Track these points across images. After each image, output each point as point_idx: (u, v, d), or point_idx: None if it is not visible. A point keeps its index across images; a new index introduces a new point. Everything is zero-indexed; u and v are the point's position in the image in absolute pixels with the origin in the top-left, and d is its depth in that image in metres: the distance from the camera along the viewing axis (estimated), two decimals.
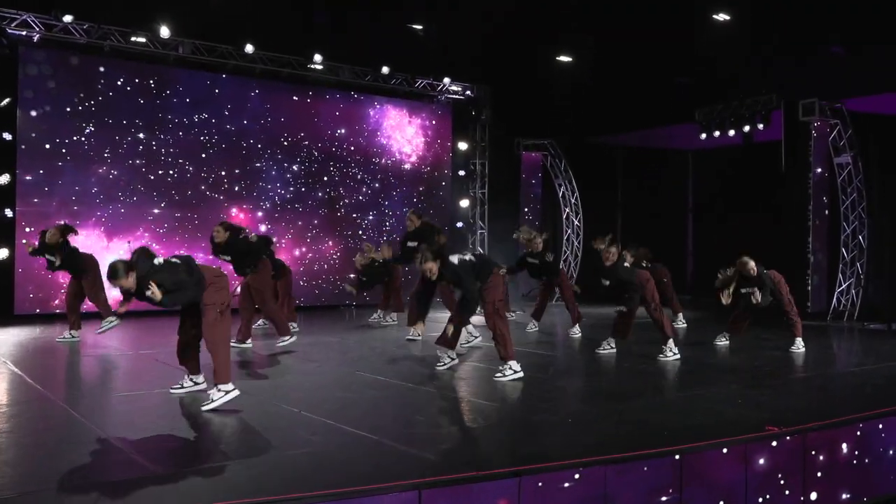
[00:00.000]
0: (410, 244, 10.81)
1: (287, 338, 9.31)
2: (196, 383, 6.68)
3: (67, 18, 12.45)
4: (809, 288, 13.47)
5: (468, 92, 17.11)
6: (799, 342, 9.46)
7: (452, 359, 8.05)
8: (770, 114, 14.78)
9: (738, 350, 9.59)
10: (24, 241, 11.06)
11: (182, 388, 6.69)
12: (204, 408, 6.00)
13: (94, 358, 8.90)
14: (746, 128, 16.50)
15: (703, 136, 18.04)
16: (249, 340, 9.70)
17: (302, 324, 11.74)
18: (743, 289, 9.21)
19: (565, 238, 17.87)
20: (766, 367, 8.21)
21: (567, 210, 17.91)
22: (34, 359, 8.81)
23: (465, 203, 17.27)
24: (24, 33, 12.45)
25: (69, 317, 10.18)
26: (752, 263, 9.32)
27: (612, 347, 9.13)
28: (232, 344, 7.33)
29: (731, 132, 16.82)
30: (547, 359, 8.96)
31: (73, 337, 10.06)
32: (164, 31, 13.08)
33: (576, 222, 17.81)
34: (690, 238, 19.73)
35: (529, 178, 17.95)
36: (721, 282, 9.29)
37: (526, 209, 17.85)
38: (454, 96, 17.09)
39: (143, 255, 6.02)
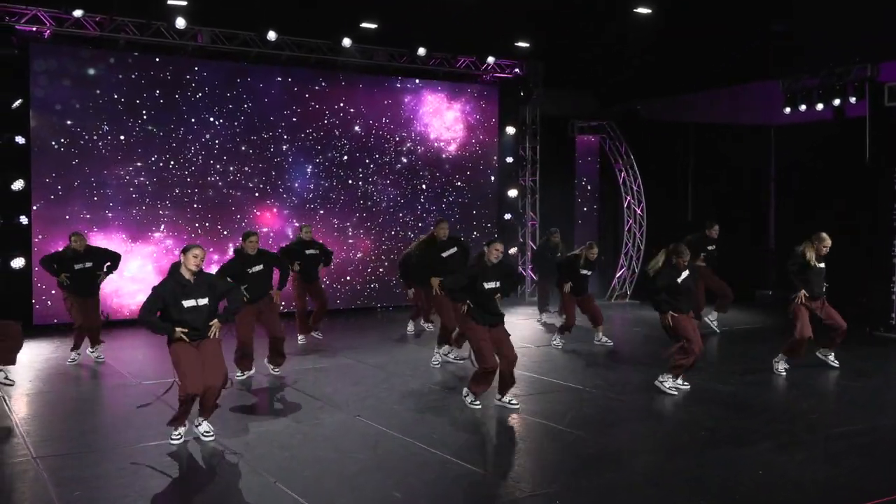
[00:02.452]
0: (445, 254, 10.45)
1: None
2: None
3: (78, 13, 12.55)
4: (895, 297, 12.69)
5: (516, 70, 16.64)
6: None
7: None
8: (864, 86, 13.95)
9: (798, 384, 9.10)
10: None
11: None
12: None
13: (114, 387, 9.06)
14: (837, 101, 15.69)
15: (788, 109, 17.24)
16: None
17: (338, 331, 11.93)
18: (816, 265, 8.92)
19: (626, 229, 17.32)
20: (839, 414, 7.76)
21: (628, 198, 17.34)
22: (42, 393, 9.04)
23: (513, 193, 16.90)
24: (34, 29, 12.64)
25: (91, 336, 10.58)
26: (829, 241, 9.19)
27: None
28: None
29: (820, 106, 16.02)
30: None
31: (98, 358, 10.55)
32: (181, 22, 13.06)
33: (638, 212, 17.22)
34: (772, 228, 18.89)
35: (585, 163, 17.44)
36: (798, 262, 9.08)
37: (581, 199, 17.39)
38: (501, 75, 16.65)
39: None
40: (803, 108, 17.02)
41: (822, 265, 9.51)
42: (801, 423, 7.36)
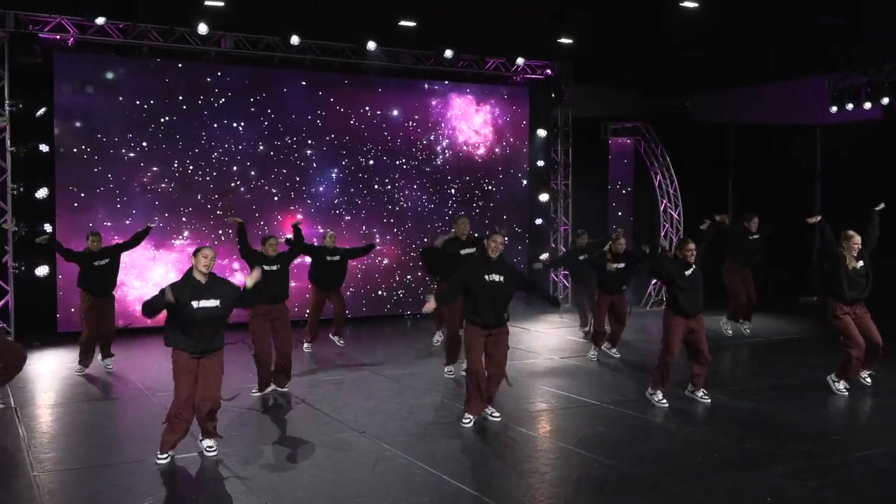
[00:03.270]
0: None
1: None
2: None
3: (100, 20, 12.76)
4: None
5: (548, 70, 16.48)
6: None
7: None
8: None
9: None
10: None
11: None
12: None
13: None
14: (885, 100, 15.28)
15: (834, 108, 16.83)
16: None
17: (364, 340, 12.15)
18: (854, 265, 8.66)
19: (662, 234, 17.05)
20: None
21: (664, 202, 17.06)
22: (58, 405, 9.21)
23: (544, 197, 16.75)
24: (58, 37, 12.89)
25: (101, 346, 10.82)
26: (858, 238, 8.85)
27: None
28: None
29: (868, 105, 15.63)
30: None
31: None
32: (202, 28, 13.20)
33: (675, 216, 16.94)
34: (818, 231, 18.42)
35: (618, 166, 17.21)
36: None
37: (615, 203, 17.17)
38: (532, 76, 16.51)
39: None
40: (850, 106, 16.63)
41: (861, 264, 8.94)
42: (822, 446, 7.12)
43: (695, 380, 8.73)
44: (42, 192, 12.77)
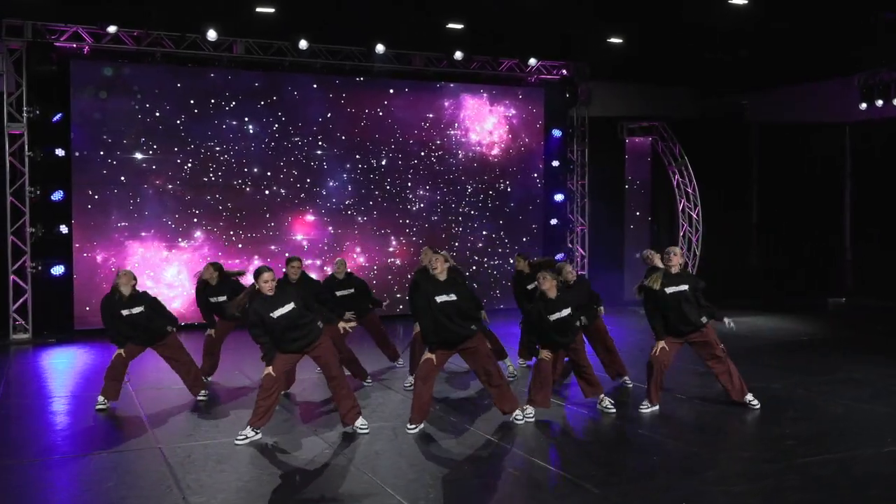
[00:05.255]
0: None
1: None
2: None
3: (112, 29, 13.44)
4: None
5: (563, 71, 16.70)
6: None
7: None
8: None
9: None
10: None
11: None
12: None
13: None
14: None
15: (864, 105, 16.69)
16: None
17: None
18: None
19: (681, 235, 17.12)
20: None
21: (683, 201, 17.13)
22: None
23: (559, 197, 16.96)
24: (74, 46, 13.62)
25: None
26: None
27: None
28: None
29: None
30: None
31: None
32: (212, 34, 13.78)
33: (694, 216, 16.99)
34: (847, 231, 18.27)
35: (635, 166, 17.32)
36: None
37: (632, 204, 17.29)
38: (546, 76, 16.74)
39: None
40: (880, 103, 16.47)
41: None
42: (769, 452, 7.25)
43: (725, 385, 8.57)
44: (58, 195, 13.54)
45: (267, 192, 14.84)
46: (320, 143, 15.15)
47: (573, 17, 14.38)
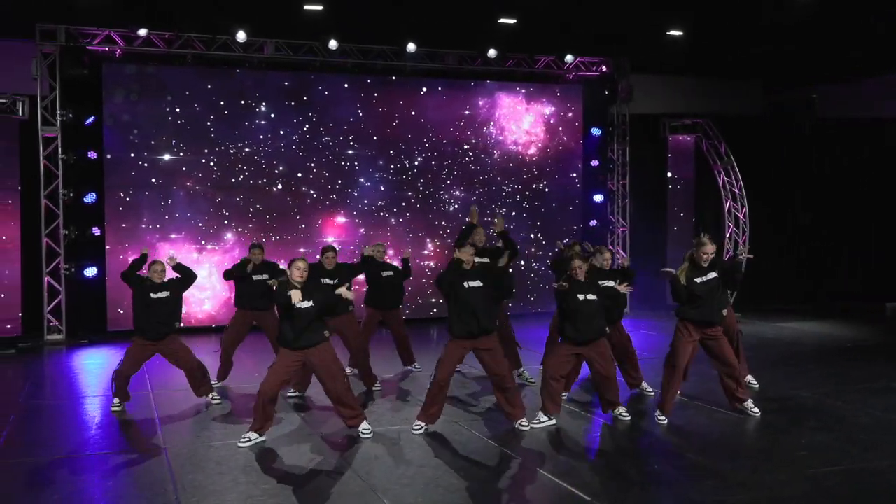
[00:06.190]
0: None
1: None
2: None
3: (142, 31, 13.66)
4: None
5: (602, 67, 16.45)
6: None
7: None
8: None
9: None
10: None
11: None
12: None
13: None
14: None
15: None
16: None
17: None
18: None
19: (727, 236, 16.69)
20: None
21: (729, 202, 16.70)
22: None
23: (599, 198, 16.69)
24: (106, 49, 13.89)
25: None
26: None
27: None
28: None
29: None
30: None
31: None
32: (241, 36, 13.90)
33: (740, 217, 16.54)
34: None
35: (678, 165, 16.94)
36: None
37: (675, 205, 16.90)
38: (585, 73, 16.50)
39: None
40: None
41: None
42: (778, 461, 6.95)
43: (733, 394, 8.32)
44: (91, 197, 13.81)
45: (297, 193, 14.90)
46: (352, 142, 15.15)
47: (627, 11, 14.15)
